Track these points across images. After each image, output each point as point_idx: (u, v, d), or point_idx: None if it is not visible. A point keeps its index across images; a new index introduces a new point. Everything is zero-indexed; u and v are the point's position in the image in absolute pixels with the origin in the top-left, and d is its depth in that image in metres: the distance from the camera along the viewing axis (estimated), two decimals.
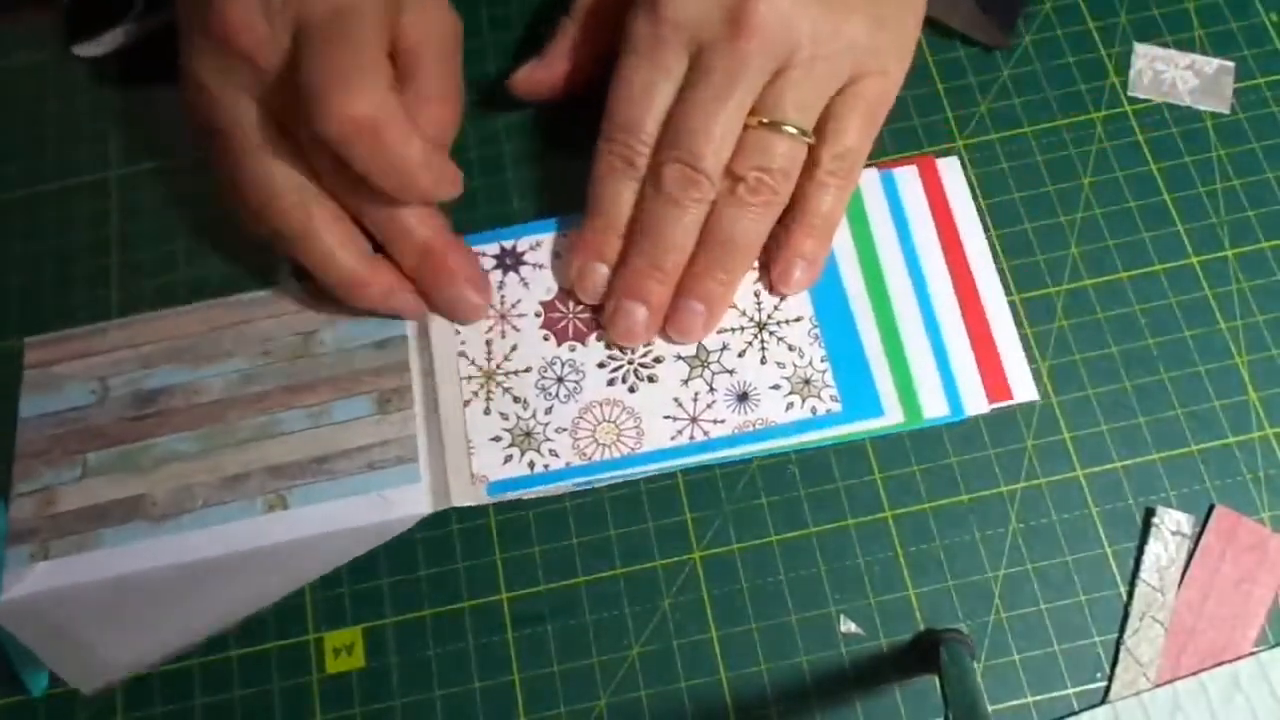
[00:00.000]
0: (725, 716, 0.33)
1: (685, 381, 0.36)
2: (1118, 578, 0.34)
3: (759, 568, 0.35)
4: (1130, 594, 0.34)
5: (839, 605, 0.34)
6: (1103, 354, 0.36)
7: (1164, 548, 0.34)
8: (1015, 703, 0.33)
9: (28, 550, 0.35)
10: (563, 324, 0.37)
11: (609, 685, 0.34)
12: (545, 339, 0.37)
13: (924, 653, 0.33)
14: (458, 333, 0.37)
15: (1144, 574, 0.34)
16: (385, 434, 0.36)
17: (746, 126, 0.34)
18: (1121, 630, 0.33)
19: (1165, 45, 0.41)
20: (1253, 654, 0.33)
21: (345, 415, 0.36)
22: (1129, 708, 0.32)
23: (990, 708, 0.33)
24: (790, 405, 0.36)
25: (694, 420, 0.36)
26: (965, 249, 0.38)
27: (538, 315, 0.37)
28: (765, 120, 0.34)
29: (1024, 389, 0.36)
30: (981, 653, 0.33)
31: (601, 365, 0.37)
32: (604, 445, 0.36)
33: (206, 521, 0.35)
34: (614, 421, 0.36)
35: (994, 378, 0.36)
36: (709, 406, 0.36)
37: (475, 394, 0.36)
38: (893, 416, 0.35)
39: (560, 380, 0.36)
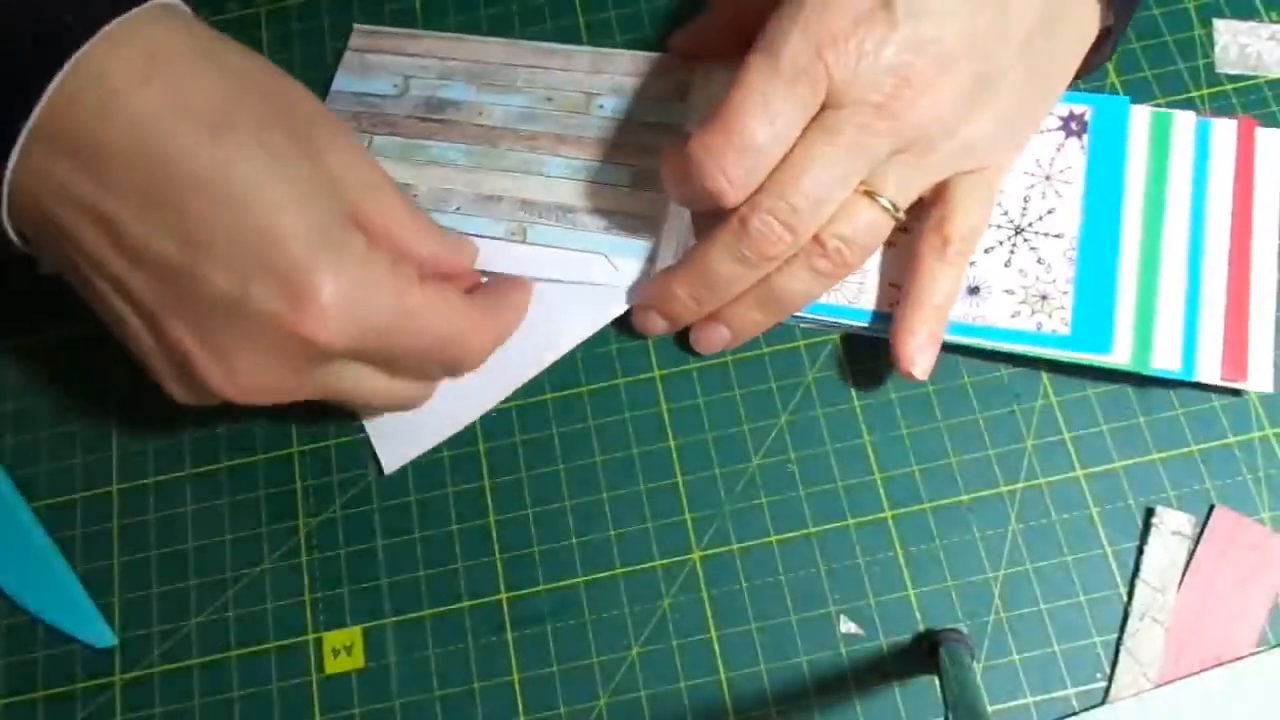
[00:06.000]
0: (725, 716, 0.33)
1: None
2: (1118, 578, 0.34)
3: (759, 568, 0.35)
4: (1130, 594, 0.34)
5: (839, 605, 0.34)
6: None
7: (1164, 548, 0.34)
8: (1015, 703, 0.33)
9: None
10: None
11: (609, 685, 0.34)
12: None
13: (924, 653, 0.33)
14: None
15: (1144, 574, 0.34)
16: (632, 207, 0.38)
17: None
18: (1121, 630, 0.33)
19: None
20: (1253, 654, 0.33)
21: (602, 178, 0.39)
22: (1129, 708, 0.32)
23: (990, 708, 0.33)
24: (1016, 314, 0.35)
25: None
26: (1254, 222, 0.36)
27: None
28: (864, 189, 0.33)
29: (1261, 378, 0.35)
30: (981, 653, 0.33)
31: None
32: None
33: (458, 226, 0.38)
34: None
35: (1235, 355, 0.35)
36: None
37: None
38: (1120, 356, 0.35)
39: None
